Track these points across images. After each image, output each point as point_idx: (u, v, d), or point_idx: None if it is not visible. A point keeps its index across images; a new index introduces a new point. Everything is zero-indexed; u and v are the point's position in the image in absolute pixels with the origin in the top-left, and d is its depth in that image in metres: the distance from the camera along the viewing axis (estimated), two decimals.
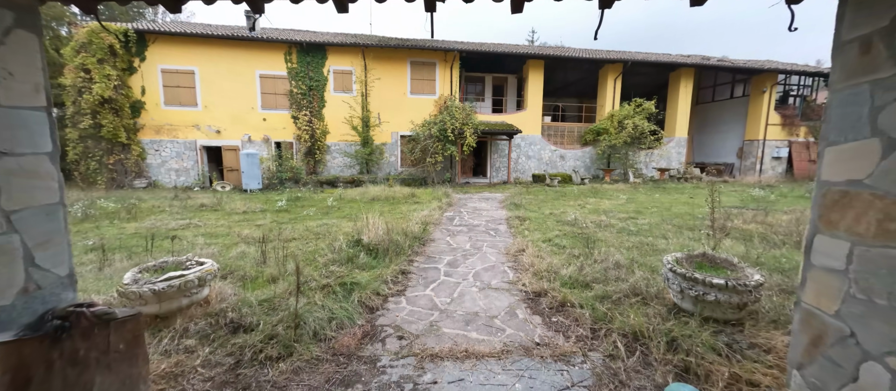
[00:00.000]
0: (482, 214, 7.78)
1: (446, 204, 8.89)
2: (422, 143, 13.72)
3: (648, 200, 9.91)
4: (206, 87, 13.91)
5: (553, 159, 16.83)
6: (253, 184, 12.15)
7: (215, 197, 9.57)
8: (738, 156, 19.83)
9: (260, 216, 7.38)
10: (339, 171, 15.15)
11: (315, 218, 7.24)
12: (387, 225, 4.63)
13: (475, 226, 6.47)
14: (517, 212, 7.61)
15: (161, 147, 13.84)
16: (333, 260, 3.92)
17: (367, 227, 4.41)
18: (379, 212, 7.73)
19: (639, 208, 8.43)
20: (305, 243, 5.06)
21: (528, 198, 9.96)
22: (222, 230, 6.05)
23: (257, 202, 8.97)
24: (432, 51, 15.06)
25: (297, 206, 8.64)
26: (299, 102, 14.42)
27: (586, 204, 9.09)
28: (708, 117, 21.46)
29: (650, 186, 13.45)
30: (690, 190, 12.53)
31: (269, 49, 14.17)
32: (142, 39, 13.30)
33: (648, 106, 15.60)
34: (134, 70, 13.37)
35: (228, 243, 5.13)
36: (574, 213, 7.45)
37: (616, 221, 6.72)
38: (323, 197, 10.26)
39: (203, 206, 8.34)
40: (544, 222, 6.70)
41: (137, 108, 13.49)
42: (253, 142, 14.44)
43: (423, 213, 7.10)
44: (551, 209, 8.26)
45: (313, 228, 6.16)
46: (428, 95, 15.47)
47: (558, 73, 19.75)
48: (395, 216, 7.29)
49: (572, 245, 4.93)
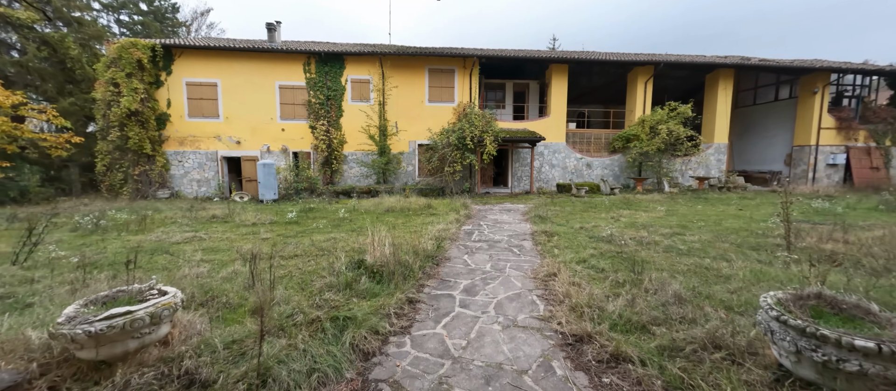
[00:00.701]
0: (504, 228, 7.08)
1: (464, 216, 8.24)
2: (440, 151, 13.21)
3: (691, 212, 8.86)
4: (228, 98, 14.07)
5: (579, 168, 15.87)
6: (269, 194, 12.00)
7: (228, 208, 9.38)
8: (786, 163, 18.10)
9: (268, 229, 7.02)
10: (356, 180, 14.87)
11: (324, 231, 6.79)
12: (395, 242, 4.05)
13: (496, 243, 5.78)
14: (543, 226, 6.85)
15: (184, 158, 14.06)
16: (330, 285, 3.36)
17: (373, 245, 3.84)
18: (391, 226, 7.20)
19: (682, 222, 7.46)
20: (307, 261, 4.55)
21: (553, 210, 9.16)
22: (225, 244, 5.68)
23: (269, 213, 8.67)
24: (451, 57, 14.65)
25: (308, 218, 8.26)
26: (317, 112, 14.33)
27: (620, 216, 8.19)
28: (749, 122, 19.83)
29: (689, 196, 12.26)
30: (737, 201, 11.27)
31: (289, 60, 14.22)
32: (169, 54, 13.66)
33: (684, 110, 14.44)
34: (161, 83, 13.72)
35: (226, 259, 4.71)
36: (608, 228, 6.61)
37: (659, 238, 5.84)
38: (336, 208, 9.88)
39: (214, 218, 8.11)
40: (575, 238, 5.92)
41: (163, 120, 13.79)
42: (271, 152, 14.43)
43: (438, 227, 6.49)
44: (581, 222, 7.44)
45: (320, 243, 5.68)
46: (446, 103, 15.02)
47: (582, 79, 18.87)
48: (408, 230, 6.73)
49: (613, 268, 4.15)
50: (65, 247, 5.55)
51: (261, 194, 11.98)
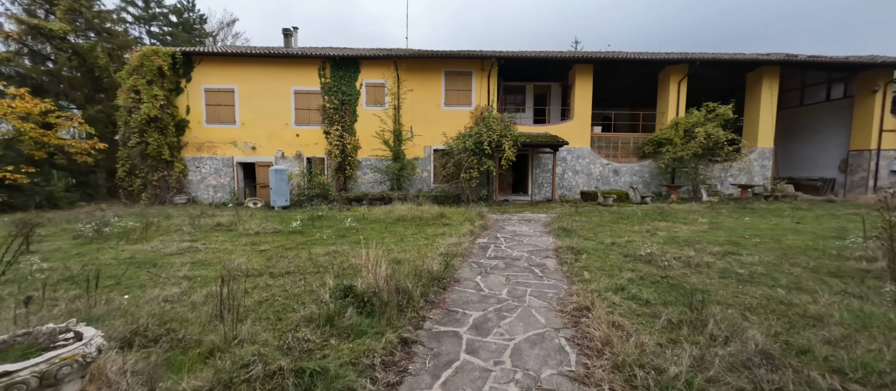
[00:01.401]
0: (523, 242, 6.33)
1: (480, 227, 7.55)
2: (455, 157, 12.59)
3: (739, 226, 7.78)
4: (244, 104, 14.07)
5: (605, 174, 14.81)
6: (280, 201, 11.75)
7: (235, 216, 9.11)
8: (840, 169, 16.30)
9: (269, 239, 6.59)
10: (370, 187, 14.47)
11: (326, 242, 6.28)
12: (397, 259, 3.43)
13: (515, 261, 5.05)
14: (568, 241, 6.06)
15: (201, 164, 14.12)
16: (310, 318, 2.76)
17: (367, 267, 3.23)
18: (399, 237, 6.62)
19: (732, 238, 6.45)
20: (296, 281, 4.01)
21: (579, 221, 8.30)
22: (218, 257, 5.25)
23: (274, 222, 8.29)
24: (468, 59, 14.08)
25: (313, 228, 7.81)
26: (331, 117, 14.08)
27: (656, 230, 7.25)
28: (795, 124, 18.09)
29: (732, 207, 11.02)
30: (790, 212, 9.98)
31: (304, 65, 14.09)
32: (189, 61, 13.83)
33: (724, 111, 13.18)
34: (181, 90, 13.89)
35: (211, 276, 4.24)
36: (646, 244, 5.74)
37: (710, 258, 4.94)
38: (346, 216, 9.42)
39: (218, 226, 7.80)
40: (607, 256, 5.11)
41: (182, 126, 13.93)
42: (286, 157, 14.28)
43: (449, 241, 5.83)
44: (612, 236, 6.58)
45: (318, 257, 5.15)
46: (463, 107, 14.43)
47: (608, 81, 17.80)
48: (417, 243, 6.11)
49: (661, 299, 3.35)
50: (58, 257, 5.28)
51: (272, 200, 11.75)
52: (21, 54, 14.09)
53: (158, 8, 23.55)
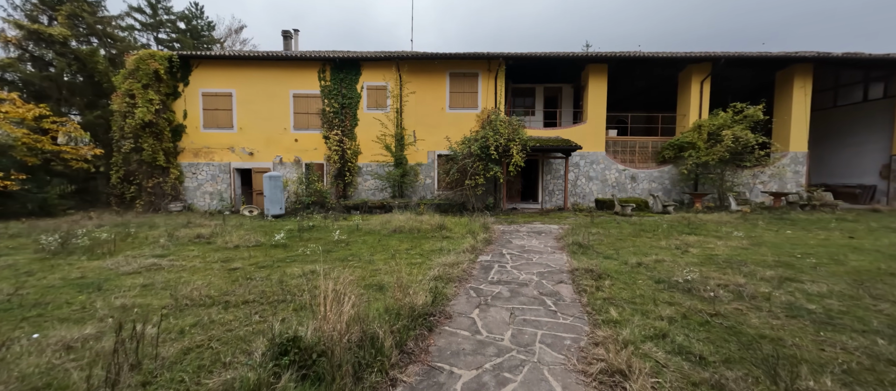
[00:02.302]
0: (533, 261, 5.47)
1: (483, 241, 6.71)
2: (460, 162, 11.80)
3: (783, 241, 6.75)
4: (242, 108, 13.61)
5: (621, 181, 13.81)
6: (274, 209, 11.13)
7: (223, 225, 8.48)
8: (882, 176, 14.92)
9: (246, 254, 5.89)
10: (371, 194, 13.79)
11: (308, 259, 5.54)
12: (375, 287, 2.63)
13: (522, 287, 4.20)
14: (586, 261, 5.17)
15: (198, 170, 13.67)
16: (228, 389, 1.98)
17: (324, 307, 2.44)
18: (391, 253, 5.84)
19: (781, 257, 5.46)
20: (249, 316, 3.25)
21: (596, 234, 7.39)
22: (180, 277, 4.56)
23: (260, 233, 7.61)
24: (474, 60, 13.36)
25: (300, 240, 7.10)
26: (331, 121, 13.49)
27: (687, 246, 6.29)
28: (828, 127, 16.76)
29: (766, 217, 9.91)
30: (836, 224, 8.84)
31: (303, 67, 13.58)
32: (187, 65, 13.47)
33: (754, 112, 12.09)
34: (178, 94, 13.52)
35: (156, 306, 3.52)
36: (678, 264, 4.82)
37: (764, 286, 4.00)
38: (340, 226, 8.70)
39: (198, 238, 7.16)
40: (634, 282, 4.22)
41: (179, 131, 13.53)
42: (284, 163, 13.73)
43: (446, 260, 5.02)
44: (636, 254, 5.67)
45: (290, 279, 4.40)
46: (469, 109, 13.67)
47: (622, 82, 16.87)
48: (410, 259, 5.32)
49: (719, 353, 2.48)
50: (1, 277, 4.66)
51: (266, 209, 11.13)
52: (22, 60, 13.96)
53: (166, 15, 23.62)
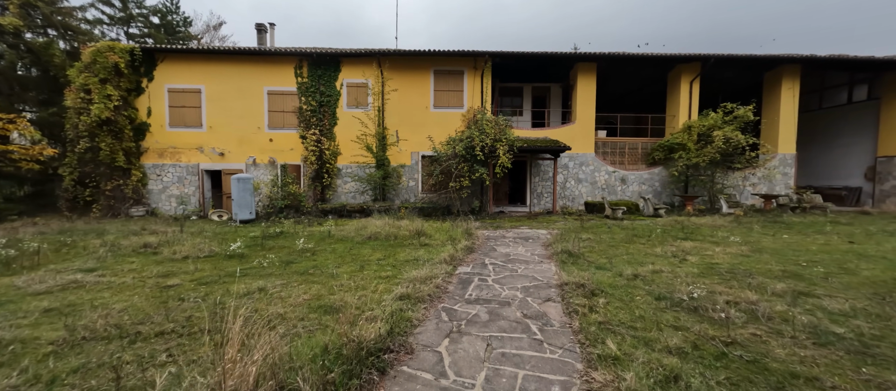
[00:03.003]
0: (518, 273, 4.88)
1: (465, 249, 6.09)
2: (444, 163, 11.19)
3: (783, 247, 6.34)
4: (213, 106, 12.73)
5: (611, 183, 13.41)
6: (243, 213, 10.30)
7: (180, 232, 7.66)
8: (867, 177, 14.95)
9: (193, 267, 5.14)
10: (352, 197, 13.05)
11: (263, 273, 4.83)
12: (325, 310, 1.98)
13: (503, 308, 3.60)
14: (577, 273, 4.61)
15: (163, 172, 12.71)
16: None
17: (223, 353, 1.78)
18: (361, 265, 5.17)
19: (786, 266, 5.01)
20: (157, 355, 2.56)
21: (586, 240, 6.86)
22: (99, 297, 3.81)
23: (217, 242, 6.84)
24: (460, 57, 12.80)
25: (262, 249, 6.37)
26: (308, 120, 12.72)
27: (684, 253, 5.80)
28: (813, 129, 16.78)
29: (760, 220, 9.58)
30: (831, 227, 8.55)
31: (279, 63, 12.79)
32: (151, 58, 12.53)
33: (744, 112, 11.84)
34: (142, 90, 12.56)
35: (45, 339, 2.79)
36: (678, 276, 4.30)
37: (778, 303, 3.50)
38: (312, 232, 7.98)
39: (144, 248, 6.35)
40: (632, 300, 3.67)
41: (142, 130, 12.56)
42: (258, 164, 12.89)
43: (418, 273, 4.38)
44: (631, 263, 5.15)
45: (233, 299, 3.70)
46: (454, 109, 13.10)
47: (611, 83, 16.58)
48: (380, 271, 4.67)
49: None
50: None
51: (234, 213, 10.31)
52: None
53: (138, 9, 22.42)
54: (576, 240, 6.64)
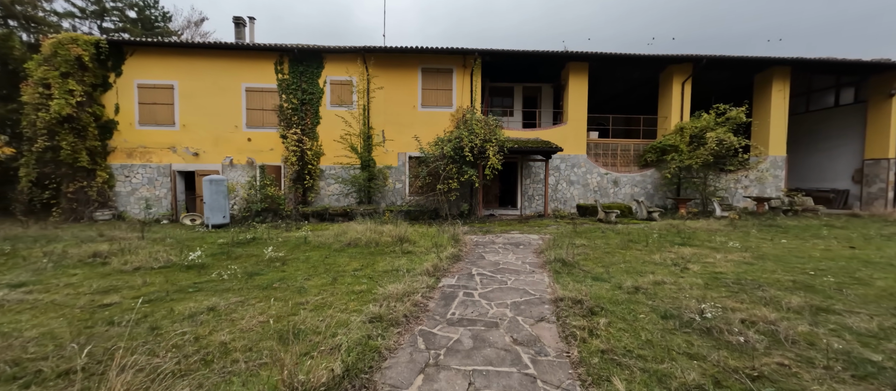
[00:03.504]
0: (507, 286, 4.43)
1: (450, 258, 5.61)
2: (431, 165, 10.71)
3: (784, 253, 6.03)
4: (186, 103, 12.00)
5: (603, 185, 13.11)
6: (216, 217, 9.63)
7: (141, 237, 6.99)
8: (854, 180, 15.00)
9: (141, 280, 4.53)
10: (336, 199, 12.46)
11: (221, 288, 4.27)
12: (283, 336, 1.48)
13: (490, 330, 3.13)
14: (572, 285, 4.18)
15: (132, 173, 11.91)
16: None
17: None
18: (334, 275, 4.64)
19: (793, 275, 4.67)
20: None
21: (580, 246, 6.45)
22: (12, 322, 3.21)
23: (177, 250, 6.20)
24: (448, 55, 12.36)
25: (227, 258, 5.77)
26: (289, 119, 12.10)
27: (684, 261, 5.43)
28: (802, 132, 16.85)
29: (754, 224, 9.35)
30: (827, 230, 8.34)
31: (258, 58, 12.14)
32: (119, 52, 11.74)
33: (736, 114, 11.67)
34: (109, 86, 11.76)
35: None
36: (683, 287, 3.90)
37: (799, 323, 3.11)
38: (288, 238, 7.40)
39: (93, 258, 5.69)
40: (636, 319, 3.24)
41: (109, 128, 11.76)
42: (235, 165, 12.19)
43: (396, 288, 3.88)
44: (630, 273, 4.74)
45: (175, 322, 3.15)
46: (443, 108, 12.64)
47: (602, 84, 16.34)
48: (355, 284, 4.15)
49: None
50: None
51: (206, 217, 9.62)
52: None
53: (113, 2, 21.39)
54: (569, 246, 6.22)
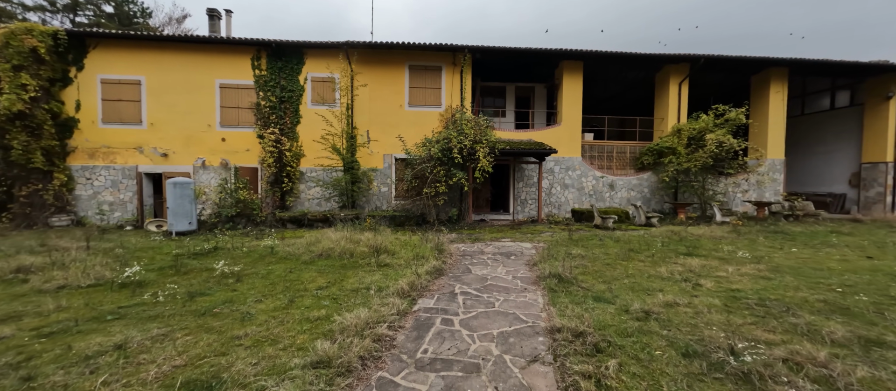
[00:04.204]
0: (495, 309, 3.76)
1: (431, 273, 4.92)
2: (417, 167, 10.03)
3: (800, 264, 5.48)
4: (155, 100, 11.15)
5: (599, 189, 12.57)
6: (181, 224, 8.80)
7: (86, 248, 6.17)
8: (851, 184, 14.73)
9: (54, 303, 3.76)
10: (317, 204, 11.69)
11: (148, 315, 3.53)
12: None
13: (467, 377, 2.46)
14: (571, 311, 3.53)
15: (94, 174, 11.01)
16: None
17: None
18: (291, 297, 3.92)
19: (821, 294, 4.09)
20: None
21: (578, 258, 5.82)
22: None
23: (116, 265, 5.41)
24: (437, 51, 11.73)
25: (174, 274, 5.01)
26: (267, 118, 11.33)
27: (695, 276, 4.83)
28: (796, 135, 16.58)
29: (759, 231, 8.85)
30: (835, 237, 7.85)
31: (234, 53, 11.36)
32: (81, 44, 10.87)
33: (736, 115, 11.23)
34: (69, 81, 10.87)
35: None
36: (701, 314, 3.27)
37: (858, 367, 2.50)
38: (254, 248, 6.64)
39: (16, 273, 4.88)
40: (652, 360, 2.59)
41: (69, 126, 10.85)
42: (208, 167, 11.36)
43: (358, 317, 3.17)
44: (636, 291, 4.12)
45: (64, 365, 2.41)
46: (431, 108, 11.99)
47: (596, 86, 15.86)
48: (314, 308, 3.44)
49: None
50: None
51: (170, 223, 8.79)
52: None
53: None
54: (566, 257, 5.59)
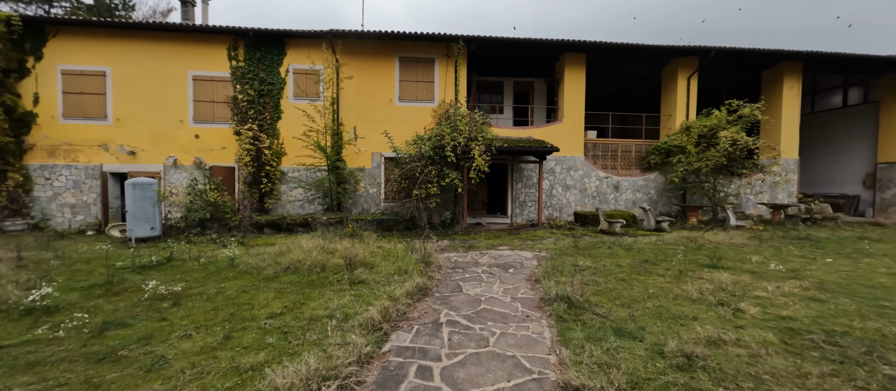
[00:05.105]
0: (488, 348, 2.92)
1: (412, 294, 4.07)
2: (406, 166, 9.18)
3: (842, 278, 4.67)
4: (121, 93, 10.24)
5: (603, 190, 11.77)
6: (143, 229, 7.89)
7: (18, 259, 5.28)
8: (866, 185, 14.03)
9: None
10: (300, 206, 10.81)
11: (29, 361, 2.67)
12: None
13: None
14: (588, 353, 2.70)
15: (54, 174, 10.08)
16: None
17: None
18: (230, 330, 3.03)
19: (891, 320, 3.28)
20: None
21: (588, 271, 4.99)
22: None
23: (28, 285, 4.52)
24: (430, 42, 10.90)
25: (102, 295, 4.14)
26: (245, 113, 10.45)
27: (730, 297, 4.01)
28: (806, 134, 15.85)
29: (780, 236, 8.06)
30: (868, 244, 7.06)
31: (209, 43, 10.47)
32: (39, 31, 9.94)
33: (751, 112, 10.46)
34: (26, 72, 9.94)
35: None
36: (761, 359, 2.46)
37: None
38: (210, 260, 5.77)
39: None
40: None
41: (26, 121, 9.92)
42: (180, 166, 10.46)
43: (306, 366, 2.32)
44: (663, 319, 3.29)
45: None
46: (424, 103, 11.15)
47: (597, 83, 15.09)
48: (257, 346, 2.58)
49: None
50: None
51: (129, 229, 7.87)
52: None
53: None
54: (572, 270, 4.76)
